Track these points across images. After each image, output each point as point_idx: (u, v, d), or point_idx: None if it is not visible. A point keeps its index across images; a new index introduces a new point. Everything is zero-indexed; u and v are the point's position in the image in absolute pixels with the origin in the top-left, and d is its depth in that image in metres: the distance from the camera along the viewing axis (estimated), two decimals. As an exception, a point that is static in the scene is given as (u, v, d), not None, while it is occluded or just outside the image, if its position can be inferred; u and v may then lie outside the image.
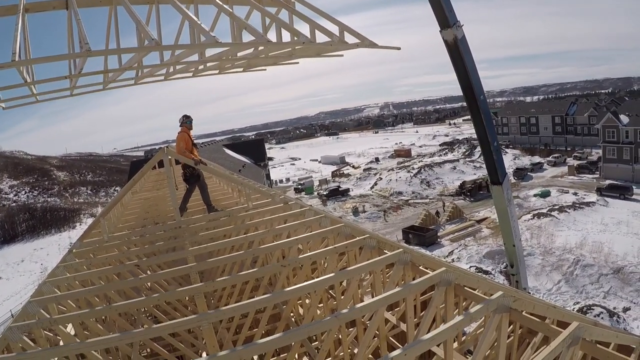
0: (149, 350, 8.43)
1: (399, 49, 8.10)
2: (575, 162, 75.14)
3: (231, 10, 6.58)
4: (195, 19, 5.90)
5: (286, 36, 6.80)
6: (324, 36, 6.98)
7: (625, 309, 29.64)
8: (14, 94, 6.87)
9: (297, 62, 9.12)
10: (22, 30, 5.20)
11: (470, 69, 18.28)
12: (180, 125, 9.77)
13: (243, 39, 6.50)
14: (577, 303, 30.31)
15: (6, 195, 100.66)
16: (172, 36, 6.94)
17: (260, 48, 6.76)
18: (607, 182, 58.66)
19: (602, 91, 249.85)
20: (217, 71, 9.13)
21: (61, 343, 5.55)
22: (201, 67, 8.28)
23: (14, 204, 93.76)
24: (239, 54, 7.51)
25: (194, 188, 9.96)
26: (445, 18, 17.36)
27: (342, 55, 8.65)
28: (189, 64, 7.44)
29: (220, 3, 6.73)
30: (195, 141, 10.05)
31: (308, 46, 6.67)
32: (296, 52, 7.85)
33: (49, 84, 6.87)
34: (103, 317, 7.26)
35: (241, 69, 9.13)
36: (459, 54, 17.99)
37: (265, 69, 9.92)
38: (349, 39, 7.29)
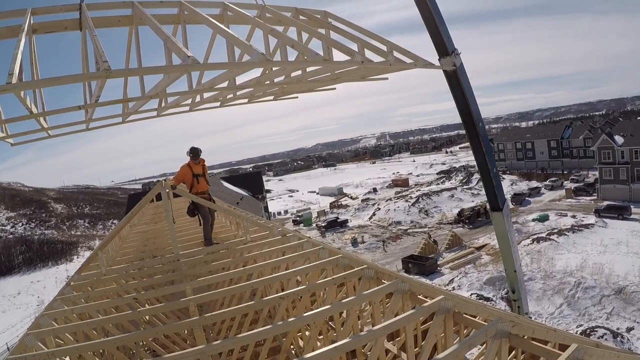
0: (147, 384, 8.32)
1: (454, 69, 8.16)
2: (573, 185, 75.54)
3: (271, 27, 6.20)
4: (234, 34, 5.35)
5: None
6: (376, 56, 6.88)
7: (629, 329, 29.46)
8: (23, 128, 6.40)
9: (334, 88, 8.95)
10: (25, 50, 4.70)
11: (469, 96, 18.47)
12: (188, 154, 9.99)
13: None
14: (580, 325, 30.10)
15: (3, 227, 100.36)
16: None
17: (295, 73, 6.45)
18: (605, 203, 58.92)
19: (596, 113, 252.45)
20: (246, 100, 8.95)
21: (59, 378, 5.50)
22: (230, 95, 8.01)
23: (10, 236, 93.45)
24: (275, 80, 7.17)
25: (208, 216, 9.98)
26: (444, 46, 17.59)
27: (387, 79, 8.56)
28: (221, 90, 7.03)
29: (258, 20, 6.50)
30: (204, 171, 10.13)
31: (359, 68, 6.51)
32: (342, 76, 7.62)
33: (61, 116, 6.36)
34: (101, 351, 7.19)
35: (272, 97, 9.01)
36: (458, 82, 18.18)
37: (297, 97, 9.77)
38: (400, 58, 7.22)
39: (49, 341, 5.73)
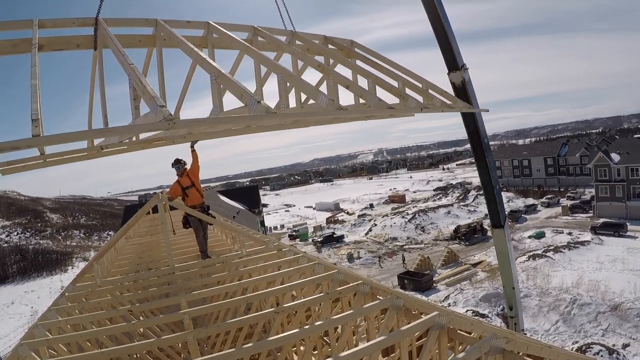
0: (141, 398, 8.26)
1: (487, 111, 8.04)
2: (569, 202, 75.79)
3: (306, 56, 5.84)
4: (288, 70, 4.86)
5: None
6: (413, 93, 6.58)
7: (625, 346, 29.41)
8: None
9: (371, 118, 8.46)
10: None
11: (476, 111, 18.65)
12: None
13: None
14: (576, 342, 30.05)
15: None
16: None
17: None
18: (601, 220, 59.11)
19: (593, 131, 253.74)
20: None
21: (52, 389, 5.48)
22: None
23: (5, 245, 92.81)
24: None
25: (199, 228, 9.85)
26: (455, 60, 17.78)
27: (413, 115, 8.31)
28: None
29: (291, 46, 6.20)
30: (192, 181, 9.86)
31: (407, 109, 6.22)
32: (374, 113, 7.03)
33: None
34: (94, 363, 7.15)
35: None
36: (467, 97, 18.37)
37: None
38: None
39: (42, 352, 5.70)
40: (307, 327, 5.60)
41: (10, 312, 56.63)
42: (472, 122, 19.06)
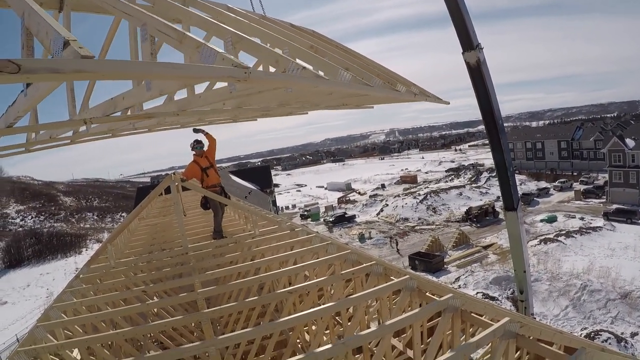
0: (154, 376, 8.37)
1: (447, 103, 8.11)
2: (582, 187, 75.01)
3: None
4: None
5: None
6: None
7: (633, 334, 29.30)
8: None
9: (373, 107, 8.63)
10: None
11: (491, 91, 18.48)
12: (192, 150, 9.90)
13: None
14: (585, 329, 29.94)
15: (13, 220, 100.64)
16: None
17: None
18: (614, 206, 58.40)
19: (608, 115, 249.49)
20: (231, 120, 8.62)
21: (68, 369, 5.56)
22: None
23: (20, 229, 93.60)
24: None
25: (218, 209, 9.95)
26: (470, 40, 17.57)
27: (372, 107, 8.33)
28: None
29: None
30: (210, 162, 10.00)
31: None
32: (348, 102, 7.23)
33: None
34: (109, 343, 7.21)
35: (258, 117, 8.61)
36: (481, 77, 18.18)
37: (306, 113, 9.48)
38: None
39: (58, 333, 5.79)
40: (320, 307, 5.63)
41: (26, 295, 57.38)
42: (486, 103, 18.92)
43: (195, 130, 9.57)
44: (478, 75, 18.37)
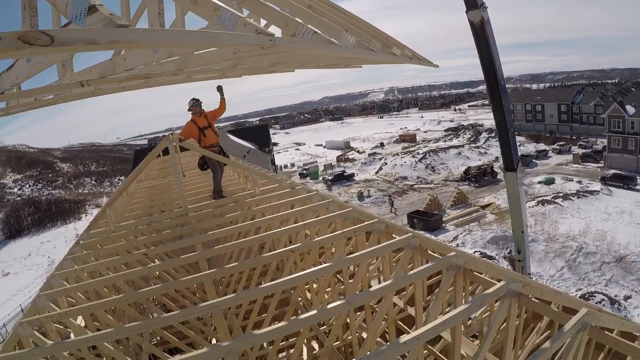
0: (158, 338, 8.45)
1: (437, 66, 7.88)
2: (580, 151, 74.87)
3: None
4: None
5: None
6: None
7: (627, 297, 29.79)
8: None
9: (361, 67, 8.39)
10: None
11: (494, 52, 18.25)
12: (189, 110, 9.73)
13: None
14: (579, 290, 30.44)
15: (10, 190, 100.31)
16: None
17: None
18: (612, 171, 58.50)
19: (609, 81, 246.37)
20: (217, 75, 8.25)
21: (72, 336, 5.58)
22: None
23: (18, 198, 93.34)
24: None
25: (217, 169, 9.90)
26: None
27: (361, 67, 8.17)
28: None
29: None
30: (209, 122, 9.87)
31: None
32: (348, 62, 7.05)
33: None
34: (113, 308, 7.22)
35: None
36: (485, 37, 17.93)
37: (293, 71, 9.21)
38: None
39: (61, 301, 5.77)
40: (321, 266, 5.62)
41: (28, 264, 57.46)
42: (489, 63, 18.68)
43: (219, 88, 9.37)
44: (482, 34, 18.09)
